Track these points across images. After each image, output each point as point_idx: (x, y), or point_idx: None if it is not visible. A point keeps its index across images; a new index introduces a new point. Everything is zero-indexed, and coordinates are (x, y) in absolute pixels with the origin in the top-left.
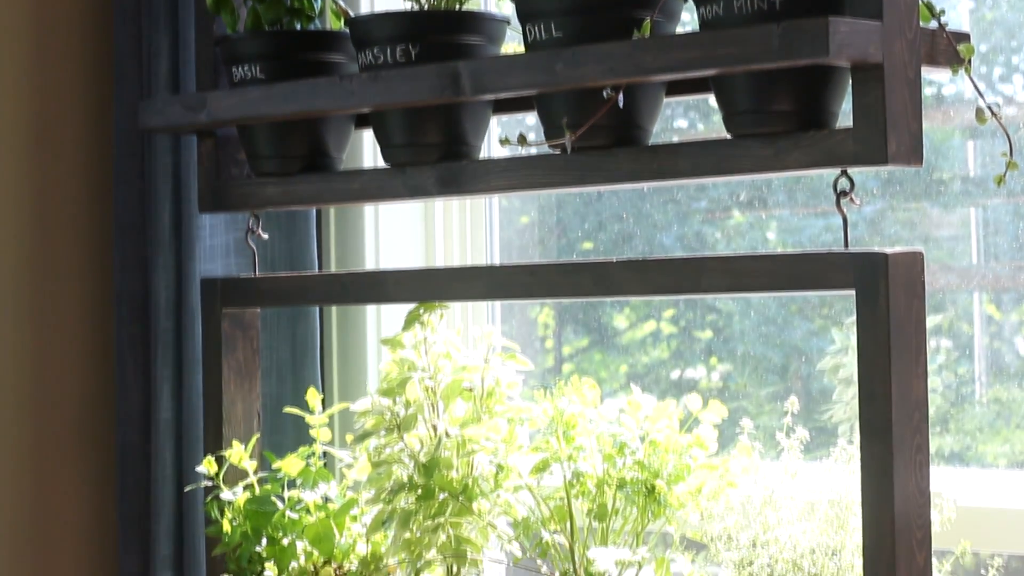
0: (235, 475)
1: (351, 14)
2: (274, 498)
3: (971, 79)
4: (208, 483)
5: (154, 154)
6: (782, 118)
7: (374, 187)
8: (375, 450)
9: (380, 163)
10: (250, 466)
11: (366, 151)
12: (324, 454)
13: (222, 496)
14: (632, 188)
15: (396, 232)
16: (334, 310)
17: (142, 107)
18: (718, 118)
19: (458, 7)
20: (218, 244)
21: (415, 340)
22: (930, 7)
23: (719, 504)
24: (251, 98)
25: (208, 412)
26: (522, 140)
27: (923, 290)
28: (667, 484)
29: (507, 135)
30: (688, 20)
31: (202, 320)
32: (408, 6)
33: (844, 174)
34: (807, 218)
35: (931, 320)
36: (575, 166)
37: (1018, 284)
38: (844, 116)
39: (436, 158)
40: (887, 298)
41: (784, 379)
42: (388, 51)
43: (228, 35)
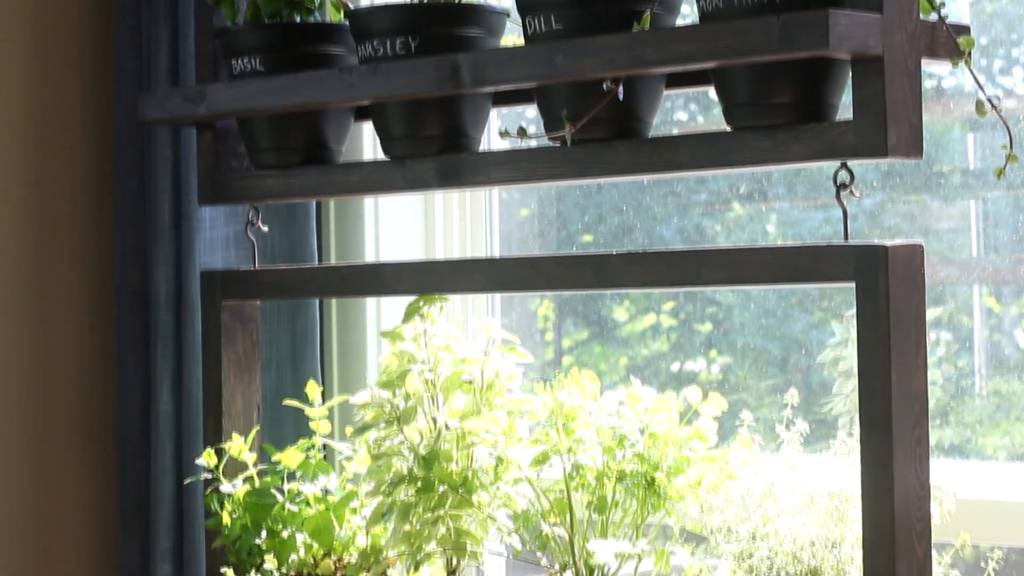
0: (235, 468)
1: (351, 6)
2: (274, 491)
3: (971, 72)
4: (208, 476)
5: (154, 146)
6: (782, 110)
7: (374, 179)
8: (375, 442)
9: (380, 155)
10: (250, 459)
11: (366, 144)
12: (324, 447)
13: (222, 488)
14: (632, 180)
15: (396, 225)
16: (334, 303)
17: (142, 99)
18: (718, 111)
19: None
20: (218, 237)
21: (415, 332)
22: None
23: (719, 497)
24: (251, 91)
25: (208, 405)
26: (522, 133)
27: (923, 283)
28: (667, 476)
29: (507, 128)
30: (688, 12)
31: (202, 313)
32: None
33: (844, 166)
34: (807, 211)
35: (931, 313)
36: (575, 159)
37: (1018, 277)
38: (844, 109)
39: (436, 151)
40: (887, 291)
41: (784, 372)
42: (388, 43)
43: (228, 27)
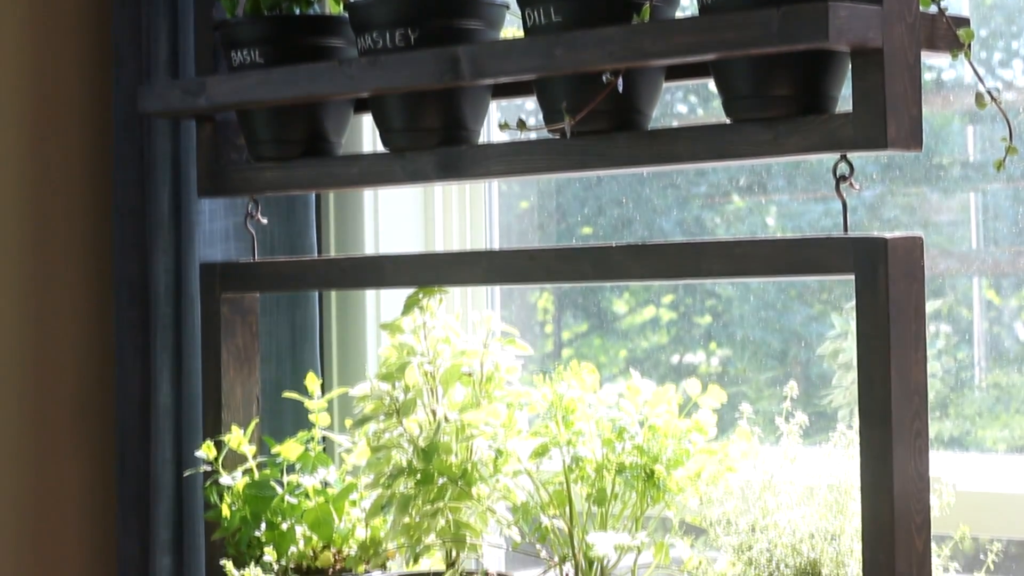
0: (234, 460)
1: None
2: (273, 483)
3: (971, 64)
4: (207, 468)
5: (153, 139)
6: (781, 103)
7: (373, 172)
8: (374, 435)
9: (379, 148)
10: (249, 451)
11: (365, 136)
12: (323, 439)
13: (221, 481)
14: (631, 173)
15: (395, 217)
16: (333, 295)
17: (141, 92)
18: (718, 103)
19: None
20: (217, 229)
21: (414, 325)
22: None
23: (718, 489)
24: (250, 83)
25: (207, 397)
26: (521, 125)
27: (922, 275)
28: (666, 469)
29: (506, 120)
30: (688, 4)
31: (201, 305)
32: None
33: (843, 159)
34: (806, 203)
35: (930, 305)
36: (574, 151)
37: (1017, 269)
38: (844, 101)
39: (435, 143)
40: (886, 283)
41: (783, 364)
42: (387, 35)
43: (227, 19)
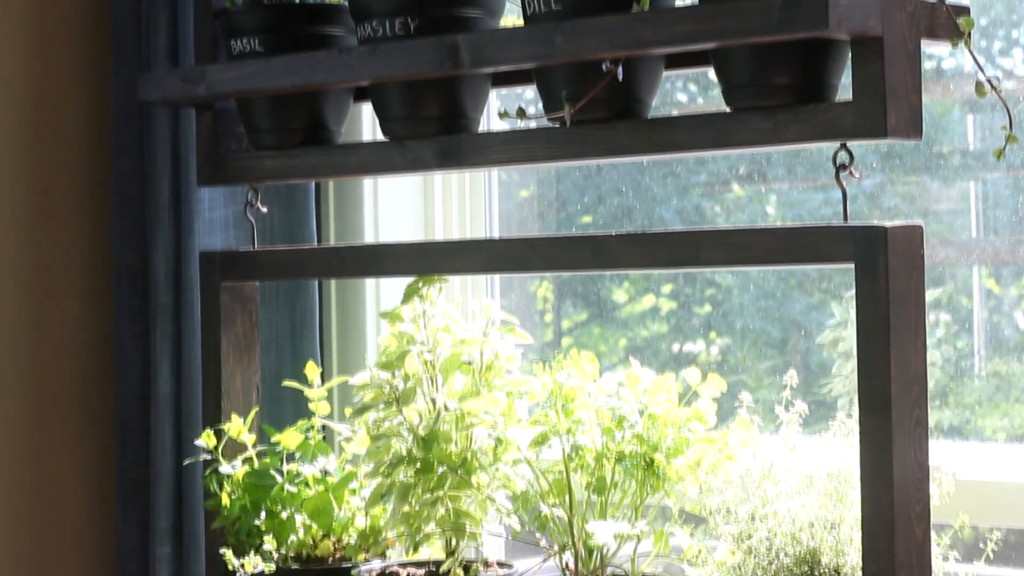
0: (234, 448)
1: None
2: (273, 472)
3: (971, 52)
4: (207, 456)
5: (153, 127)
6: (781, 91)
7: (373, 160)
8: (374, 423)
9: (379, 136)
10: (249, 439)
11: (365, 124)
12: (323, 427)
13: (221, 469)
14: (631, 161)
15: (395, 205)
16: (333, 283)
17: (141, 80)
18: (718, 91)
19: None
20: (217, 217)
21: (414, 314)
22: None
23: (718, 478)
24: (250, 71)
25: (207, 385)
26: (521, 113)
27: (922, 264)
28: (666, 457)
29: (506, 108)
30: None
31: (201, 294)
32: None
33: (843, 147)
34: (806, 192)
35: (930, 294)
36: (574, 139)
37: (1017, 258)
38: (844, 89)
39: (435, 131)
40: (886, 272)
41: (783, 353)
42: (387, 24)
43: (227, 8)
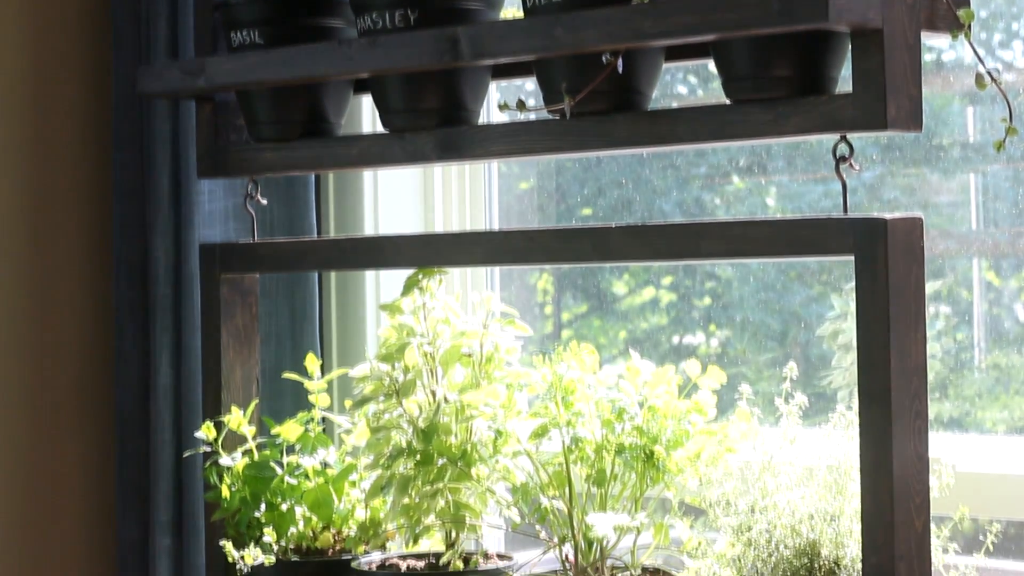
0: (234, 441)
1: None
2: (273, 464)
3: (971, 44)
4: (207, 449)
5: (153, 120)
6: (781, 83)
7: (373, 152)
8: (374, 415)
9: (379, 128)
10: (249, 432)
11: (365, 117)
12: (323, 420)
13: (221, 462)
14: (631, 154)
15: (395, 198)
16: (333, 276)
17: (141, 72)
18: (718, 84)
19: None
20: (217, 210)
21: (414, 306)
22: None
23: (718, 470)
24: (249, 63)
25: (207, 378)
26: (521, 106)
27: (922, 256)
28: (666, 450)
29: (506, 101)
30: None
31: (201, 286)
32: None
33: (843, 139)
34: (806, 184)
35: (930, 286)
36: (574, 132)
37: (1017, 250)
38: (844, 81)
39: (435, 124)
40: (886, 264)
41: (783, 345)
42: (387, 16)
43: (227, 0)
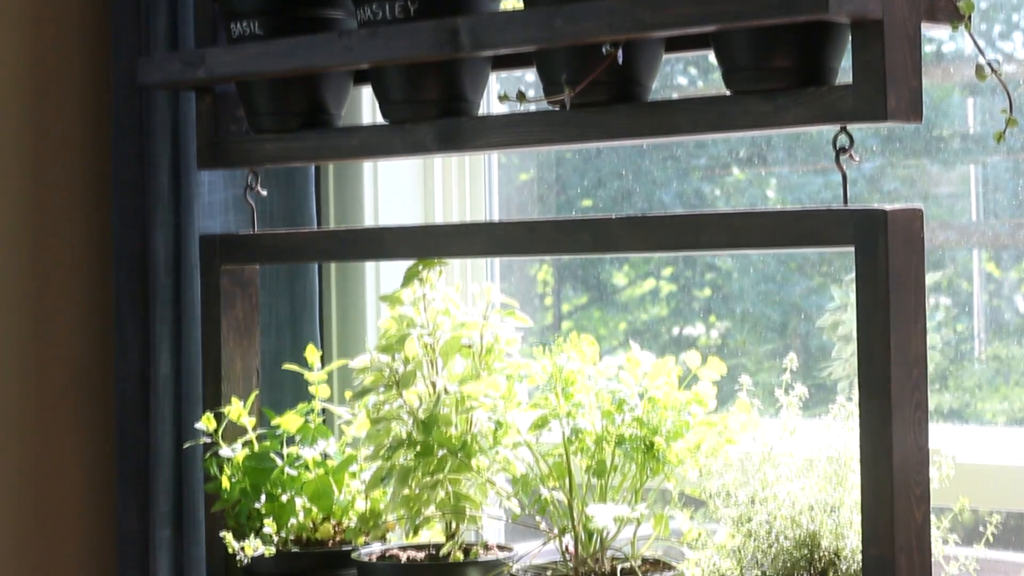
0: (234, 432)
1: None
2: (273, 455)
3: (971, 36)
4: (207, 440)
5: (152, 111)
6: (781, 74)
7: (373, 143)
8: (374, 407)
9: (379, 119)
10: (249, 423)
11: (365, 107)
12: (323, 411)
13: (221, 453)
14: (631, 145)
15: (395, 189)
16: (333, 267)
17: (140, 64)
18: (718, 75)
19: None
20: (217, 201)
21: (414, 297)
22: None
23: (718, 461)
24: (249, 54)
25: (207, 369)
26: (521, 97)
27: (922, 247)
28: (666, 441)
29: (506, 91)
30: None
31: (201, 277)
32: None
33: (843, 131)
34: (806, 175)
35: (930, 277)
36: (574, 122)
37: (1017, 241)
38: (844, 72)
39: (435, 114)
40: (886, 255)
41: (783, 336)
42: (387, 7)
43: None
